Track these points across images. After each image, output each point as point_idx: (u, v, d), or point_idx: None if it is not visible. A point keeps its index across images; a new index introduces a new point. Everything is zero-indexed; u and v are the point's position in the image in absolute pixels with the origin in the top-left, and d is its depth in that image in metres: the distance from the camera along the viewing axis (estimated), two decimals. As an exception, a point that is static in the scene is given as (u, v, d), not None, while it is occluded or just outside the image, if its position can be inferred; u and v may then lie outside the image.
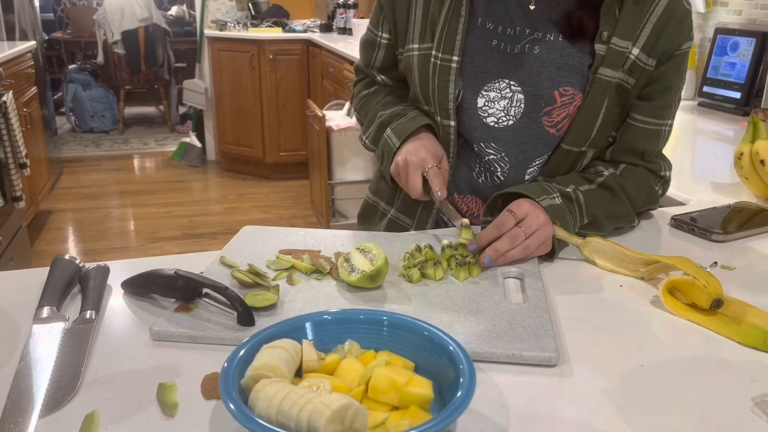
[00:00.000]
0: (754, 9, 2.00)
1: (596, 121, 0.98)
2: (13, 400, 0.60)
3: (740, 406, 0.60)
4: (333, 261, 0.87)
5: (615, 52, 0.95)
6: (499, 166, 1.03)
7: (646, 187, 1.02)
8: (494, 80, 1.00)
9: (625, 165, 1.02)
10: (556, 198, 0.92)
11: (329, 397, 0.50)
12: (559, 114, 0.99)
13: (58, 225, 3.83)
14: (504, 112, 1.00)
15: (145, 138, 5.83)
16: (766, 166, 1.15)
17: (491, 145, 1.02)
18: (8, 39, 3.93)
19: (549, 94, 0.98)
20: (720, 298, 0.74)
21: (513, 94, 0.99)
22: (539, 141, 1.01)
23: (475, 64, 1.00)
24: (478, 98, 1.01)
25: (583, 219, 0.94)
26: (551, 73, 0.98)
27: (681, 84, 1.02)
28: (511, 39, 0.99)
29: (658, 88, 0.99)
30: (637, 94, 0.99)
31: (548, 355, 0.66)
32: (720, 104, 2.03)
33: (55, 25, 7.25)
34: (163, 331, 0.71)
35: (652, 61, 0.97)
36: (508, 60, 0.99)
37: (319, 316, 0.65)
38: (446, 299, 0.78)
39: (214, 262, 0.87)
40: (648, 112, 1.00)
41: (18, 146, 2.90)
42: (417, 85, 1.04)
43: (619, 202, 0.98)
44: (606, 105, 0.97)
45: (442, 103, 1.01)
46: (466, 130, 1.03)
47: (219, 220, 3.91)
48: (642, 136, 1.00)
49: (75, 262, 0.84)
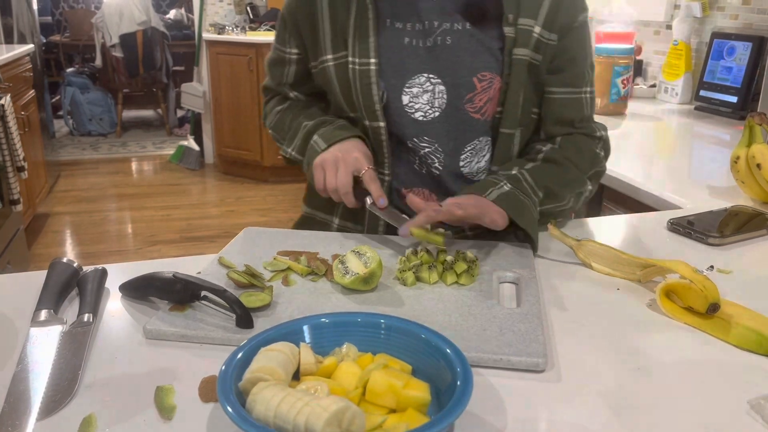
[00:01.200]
0: (751, 13, 2.01)
1: (520, 100, 1.01)
2: (10, 403, 0.60)
3: (736, 409, 0.60)
4: (329, 263, 0.87)
5: (524, 32, 0.99)
6: (435, 157, 1.05)
7: (586, 150, 1.06)
8: (414, 76, 1.01)
9: (560, 137, 1.06)
10: (504, 185, 0.94)
11: (326, 400, 0.50)
12: (481, 99, 1.01)
13: (55, 228, 3.82)
14: (429, 105, 1.02)
15: (143, 141, 5.83)
16: (763, 169, 1.15)
17: (424, 139, 1.04)
18: (6, 42, 3.93)
19: (468, 81, 1.01)
20: (716, 302, 0.74)
21: (434, 86, 1.01)
22: (466, 128, 1.04)
23: (392, 64, 1.02)
24: (402, 96, 1.02)
25: (537, 194, 0.97)
26: (466, 60, 1.00)
27: (586, 53, 1.06)
28: (421, 34, 1.01)
29: (564, 60, 1.03)
30: (546, 69, 1.02)
31: (536, 360, 0.66)
32: (717, 108, 2.03)
33: (54, 28, 7.24)
34: (156, 329, 0.71)
35: (554, 36, 1.00)
36: (423, 55, 1.01)
37: (317, 320, 0.65)
38: (439, 303, 0.78)
39: (213, 263, 0.88)
40: (561, 83, 1.04)
41: (16, 149, 2.89)
42: (339, 94, 1.04)
43: (565, 169, 1.02)
44: (524, 83, 1.00)
45: (368, 105, 1.01)
46: (398, 129, 1.04)
47: (217, 223, 3.91)
48: (564, 107, 1.05)
49: (73, 265, 0.84)
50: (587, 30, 1.05)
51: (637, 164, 1.48)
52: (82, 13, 7.00)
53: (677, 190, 1.27)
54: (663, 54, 2.29)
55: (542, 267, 0.91)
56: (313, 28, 1.04)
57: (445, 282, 0.83)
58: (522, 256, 0.91)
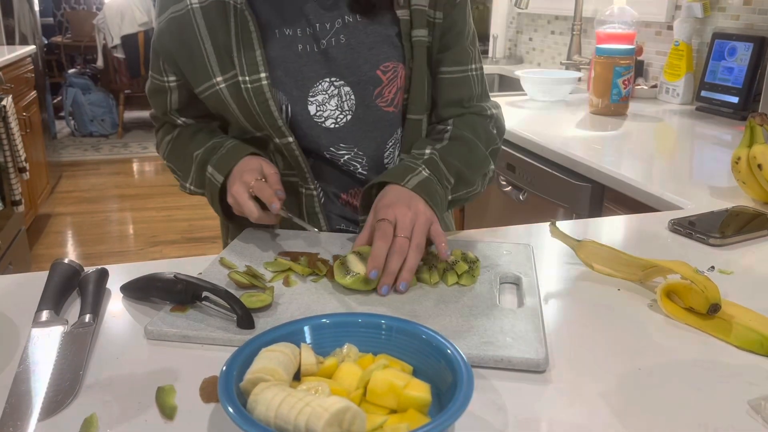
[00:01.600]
0: (752, 14, 2.00)
1: (425, 84, 1.00)
2: (12, 403, 0.60)
3: (737, 409, 0.60)
4: (330, 264, 0.87)
5: (419, 12, 0.97)
6: (356, 162, 1.02)
7: (481, 129, 1.03)
8: (316, 83, 0.97)
9: (452, 119, 1.03)
10: (422, 171, 0.92)
11: (327, 400, 0.50)
12: (390, 91, 0.99)
13: (57, 229, 3.83)
14: (339, 110, 0.99)
15: (145, 142, 5.83)
16: (764, 170, 1.15)
17: (341, 146, 1.00)
18: (8, 43, 3.93)
19: (372, 75, 0.98)
20: (717, 303, 0.74)
21: (338, 89, 0.98)
22: (382, 123, 1.01)
23: (290, 74, 0.97)
24: (309, 106, 0.98)
25: (449, 180, 0.95)
26: (365, 55, 0.97)
27: (469, 29, 1.04)
28: (313, 38, 0.97)
29: (451, 37, 1.01)
30: (437, 48, 1.01)
31: (536, 360, 0.66)
32: (718, 109, 2.03)
33: (55, 29, 7.25)
34: (158, 330, 0.71)
35: (440, 14, 0.99)
36: (320, 59, 0.97)
37: (318, 320, 0.65)
38: (440, 304, 0.78)
39: (214, 263, 0.88)
40: (450, 61, 1.02)
41: (17, 150, 2.90)
42: (239, 116, 0.98)
43: (472, 148, 1.00)
44: (426, 66, 1.00)
45: (271, 123, 0.96)
46: (311, 141, 0.99)
47: (218, 224, 3.90)
48: (453, 87, 1.03)
49: (74, 265, 0.84)
50: (468, 5, 1.03)
51: (639, 165, 1.48)
52: (83, 14, 7.01)
53: (678, 191, 1.27)
54: (664, 54, 2.29)
55: (543, 267, 0.91)
56: (191, 55, 0.97)
57: (446, 282, 0.83)
58: (523, 256, 0.91)
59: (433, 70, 1.02)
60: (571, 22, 2.69)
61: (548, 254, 0.95)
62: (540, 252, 0.96)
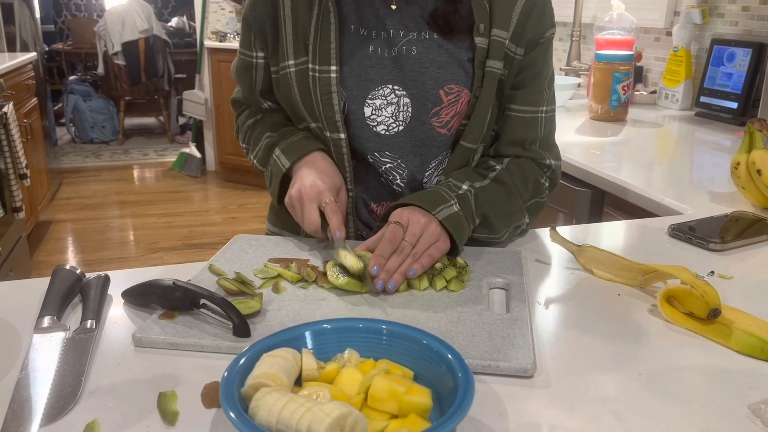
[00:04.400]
0: (751, 20, 2.01)
1: (488, 116, 0.98)
2: (14, 409, 0.61)
3: (737, 414, 0.60)
4: (320, 270, 0.87)
5: (497, 43, 0.96)
6: (396, 173, 1.02)
7: (531, 178, 1.01)
8: (378, 87, 0.97)
9: (509, 158, 1.02)
10: (454, 205, 0.90)
11: (329, 405, 0.51)
12: (448, 113, 0.98)
13: (57, 235, 3.83)
14: (393, 118, 0.98)
15: (145, 148, 5.84)
16: (763, 175, 1.15)
17: (386, 154, 1.00)
18: (9, 50, 3.94)
19: (434, 94, 0.97)
20: (717, 308, 0.74)
21: (399, 98, 0.98)
22: (432, 143, 1.00)
23: (355, 73, 0.97)
24: (365, 108, 0.98)
25: (475, 220, 0.94)
26: (433, 72, 0.96)
27: (548, 71, 1.03)
28: (386, 42, 0.97)
29: (528, 76, 1.00)
30: (510, 84, 1.00)
31: (524, 366, 0.66)
32: (717, 114, 2.04)
33: (56, 36, 7.28)
34: (146, 337, 0.71)
35: (521, 50, 0.98)
36: (388, 65, 0.97)
37: (319, 326, 0.65)
38: (428, 309, 0.78)
39: (203, 270, 0.88)
40: (522, 101, 1.01)
41: (18, 157, 2.90)
42: (299, 102, 0.99)
43: (511, 196, 0.97)
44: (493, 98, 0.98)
45: (329, 116, 0.97)
46: (359, 142, 1.00)
47: (219, 230, 3.92)
48: (520, 126, 1.01)
49: (76, 272, 0.84)
50: (551, 46, 1.03)
51: (638, 170, 1.48)
52: (84, 21, 7.04)
53: (678, 196, 1.27)
54: (663, 60, 2.30)
55: (543, 273, 0.91)
56: (276, 31, 0.99)
57: (435, 288, 0.83)
58: (512, 262, 0.91)
59: (502, 105, 1.01)
60: (570, 28, 2.71)
61: (548, 259, 0.96)
62: (540, 257, 0.96)
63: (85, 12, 7.52)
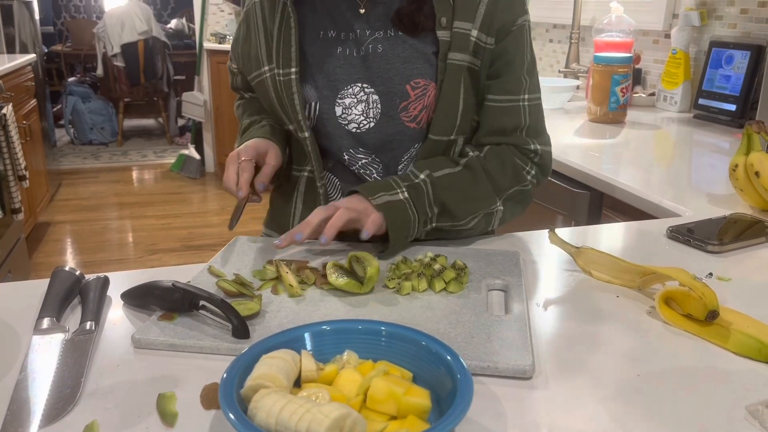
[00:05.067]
0: (749, 22, 2.02)
1: (458, 107, 0.99)
2: (13, 410, 0.61)
3: (734, 415, 0.60)
4: (319, 272, 0.88)
5: (459, 35, 0.97)
6: (372, 168, 1.04)
7: (509, 163, 1.01)
8: (347, 86, 1.00)
9: (488, 146, 1.03)
10: (400, 193, 0.93)
11: (328, 406, 0.51)
12: (416, 107, 1.00)
13: (56, 237, 3.83)
14: (363, 116, 1.01)
15: (144, 150, 5.85)
16: (761, 177, 1.16)
17: (360, 150, 1.03)
18: (8, 52, 3.95)
19: (401, 89, 0.99)
20: (715, 310, 0.75)
21: (368, 96, 1.00)
22: (403, 137, 1.02)
23: (324, 74, 1.01)
24: (336, 107, 1.01)
25: (432, 209, 0.95)
26: (399, 68, 0.99)
27: (525, 58, 1.02)
28: (354, 43, 1.00)
29: (502, 65, 1.01)
30: (486, 74, 1.01)
31: (523, 367, 0.66)
32: (715, 116, 2.04)
33: (55, 38, 7.28)
34: (145, 339, 0.72)
35: (491, 39, 0.98)
36: (357, 64, 1.00)
37: (318, 327, 0.65)
38: (427, 311, 0.78)
39: (202, 272, 0.88)
40: (499, 90, 1.01)
41: (17, 158, 2.90)
42: (276, 106, 1.04)
43: (477, 181, 0.98)
44: (463, 89, 0.99)
45: (294, 117, 1.01)
46: (333, 141, 1.03)
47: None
48: (499, 115, 1.02)
49: (75, 273, 0.84)
50: (526, 34, 1.02)
51: (637, 172, 1.49)
52: (83, 22, 7.04)
53: (676, 198, 1.27)
54: (662, 63, 2.30)
55: (542, 274, 0.91)
56: (249, 42, 1.06)
57: (434, 289, 0.83)
58: (511, 263, 0.91)
59: (479, 96, 1.02)
60: (569, 30, 2.71)
61: (547, 261, 0.96)
62: (539, 259, 0.96)
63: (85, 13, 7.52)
